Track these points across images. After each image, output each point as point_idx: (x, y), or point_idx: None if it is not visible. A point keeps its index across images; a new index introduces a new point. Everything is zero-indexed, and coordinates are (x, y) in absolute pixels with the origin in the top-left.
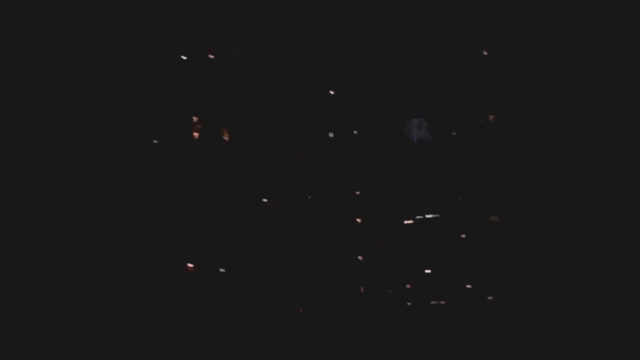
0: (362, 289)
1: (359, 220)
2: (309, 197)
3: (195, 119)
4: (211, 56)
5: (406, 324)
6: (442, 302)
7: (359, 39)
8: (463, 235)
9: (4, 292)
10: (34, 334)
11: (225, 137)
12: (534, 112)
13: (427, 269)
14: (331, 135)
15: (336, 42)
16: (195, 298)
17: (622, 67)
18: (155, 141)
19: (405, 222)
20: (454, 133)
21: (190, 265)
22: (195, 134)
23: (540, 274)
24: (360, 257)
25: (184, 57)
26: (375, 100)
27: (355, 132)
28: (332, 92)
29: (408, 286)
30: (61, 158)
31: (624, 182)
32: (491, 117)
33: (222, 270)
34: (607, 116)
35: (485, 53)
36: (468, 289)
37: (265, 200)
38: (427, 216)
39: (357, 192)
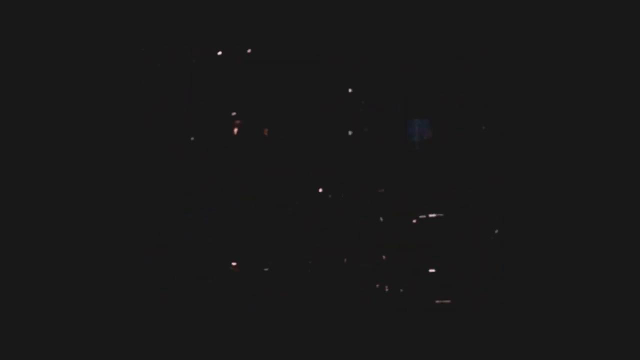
0: (386, 288)
1: (381, 219)
2: (330, 196)
3: (236, 117)
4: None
5: (411, 324)
6: (447, 301)
7: (370, 41)
8: (468, 234)
9: (4, 292)
10: (34, 333)
11: (265, 133)
12: (536, 113)
13: (431, 268)
14: (350, 133)
15: (349, 42)
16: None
17: (625, 69)
18: (155, 142)
19: (414, 220)
20: (479, 134)
21: (234, 263)
22: (230, 135)
23: (544, 276)
24: (383, 257)
25: (220, 52)
26: (379, 101)
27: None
28: (350, 90)
29: (413, 285)
30: (61, 158)
31: (626, 182)
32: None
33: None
34: (608, 115)
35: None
36: (472, 288)
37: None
38: (431, 215)
39: (382, 190)
